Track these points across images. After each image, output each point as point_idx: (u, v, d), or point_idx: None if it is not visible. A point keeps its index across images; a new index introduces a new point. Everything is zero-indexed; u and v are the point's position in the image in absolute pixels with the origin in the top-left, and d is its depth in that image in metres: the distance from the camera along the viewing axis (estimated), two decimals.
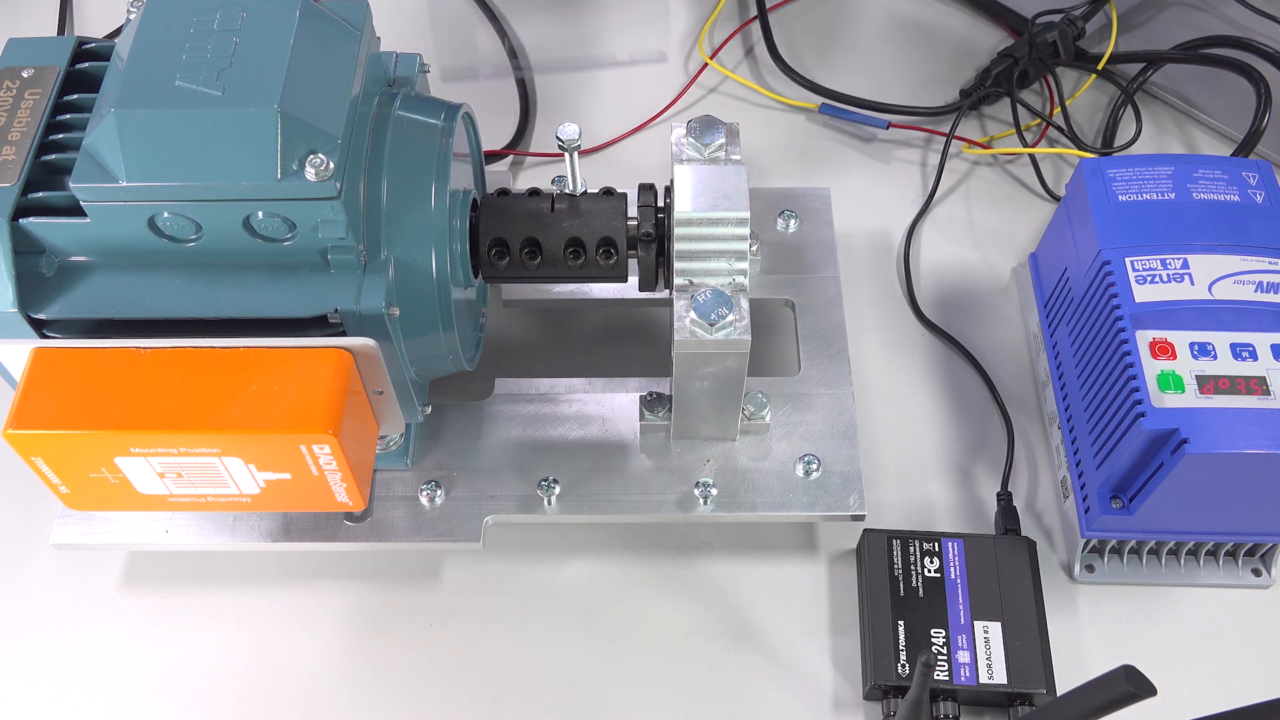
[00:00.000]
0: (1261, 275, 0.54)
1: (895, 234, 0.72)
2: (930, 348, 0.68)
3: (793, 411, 0.60)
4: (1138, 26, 0.81)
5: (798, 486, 0.57)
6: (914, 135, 0.77)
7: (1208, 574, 0.58)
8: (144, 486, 0.49)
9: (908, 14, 0.84)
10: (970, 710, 0.54)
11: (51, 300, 0.46)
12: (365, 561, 0.60)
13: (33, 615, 0.58)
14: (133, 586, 0.59)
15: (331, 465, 0.47)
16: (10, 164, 0.46)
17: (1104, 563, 0.59)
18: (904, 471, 0.63)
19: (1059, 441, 0.61)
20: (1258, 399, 0.51)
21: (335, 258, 0.46)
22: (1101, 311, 0.56)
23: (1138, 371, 0.52)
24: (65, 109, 0.48)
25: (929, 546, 0.57)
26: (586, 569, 0.59)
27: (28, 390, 0.46)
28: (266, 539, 0.56)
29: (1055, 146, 0.76)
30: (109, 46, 0.50)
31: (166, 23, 0.45)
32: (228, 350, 0.47)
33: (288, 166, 0.43)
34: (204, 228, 0.45)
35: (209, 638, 0.57)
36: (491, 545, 0.58)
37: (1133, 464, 0.53)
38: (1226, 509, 0.54)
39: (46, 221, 0.45)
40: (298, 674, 0.56)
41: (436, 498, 0.57)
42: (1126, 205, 0.58)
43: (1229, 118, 0.76)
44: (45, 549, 0.60)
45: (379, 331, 0.47)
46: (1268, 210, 0.57)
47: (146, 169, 0.43)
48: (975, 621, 0.54)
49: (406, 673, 0.56)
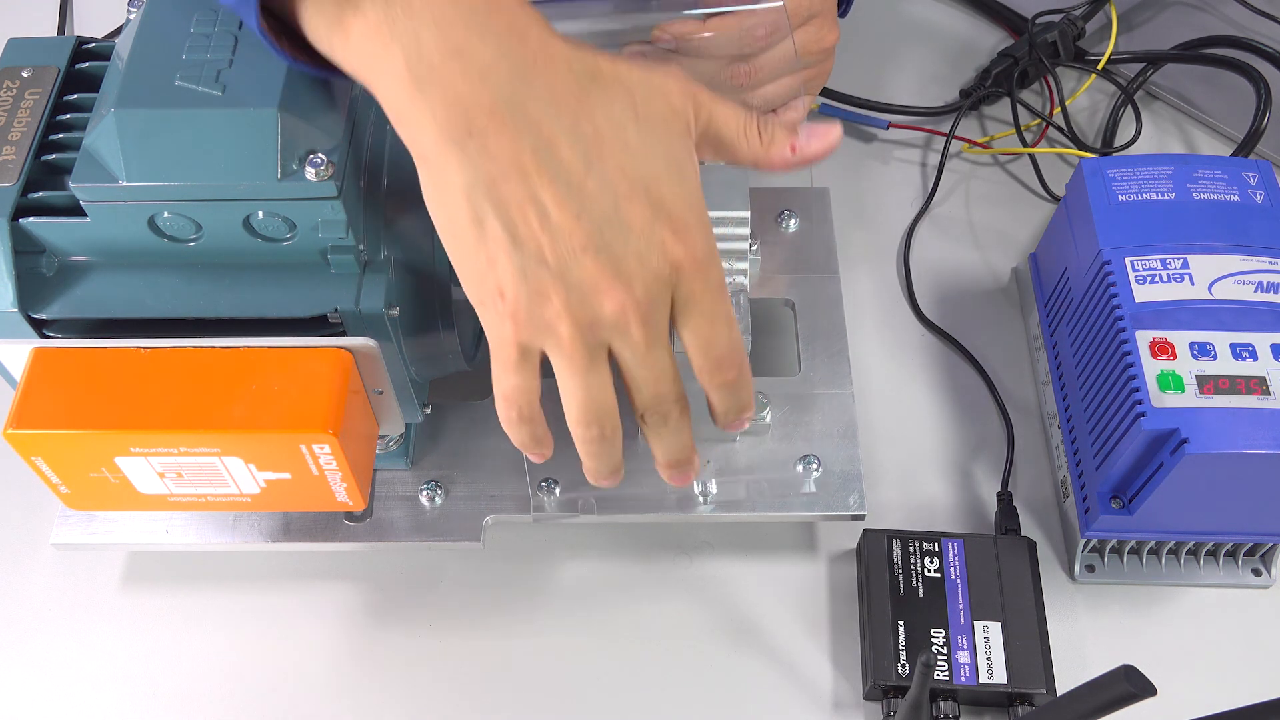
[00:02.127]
0: (1261, 275, 0.55)
1: (895, 234, 0.72)
2: (930, 348, 0.68)
3: (793, 411, 0.60)
4: (1138, 26, 0.81)
5: (798, 486, 0.57)
6: (914, 135, 0.77)
7: (1208, 574, 0.58)
8: (144, 486, 0.49)
9: (907, 14, 0.84)
10: (970, 710, 0.54)
11: (51, 300, 0.46)
12: (365, 561, 0.60)
13: (33, 615, 0.58)
14: (133, 586, 0.59)
15: (332, 465, 0.47)
16: (10, 164, 0.46)
17: (1104, 563, 0.59)
18: (904, 471, 0.63)
19: (1059, 441, 0.61)
20: (1258, 399, 0.51)
21: (335, 258, 0.46)
22: (1101, 311, 0.56)
23: (1138, 371, 0.52)
24: (65, 109, 0.48)
25: (929, 546, 0.57)
26: (586, 569, 0.59)
27: (28, 390, 0.46)
28: (266, 539, 0.56)
29: (1055, 146, 0.76)
30: (109, 46, 0.50)
31: (166, 22, 0.45)
32: (228, 350, 0.47)
33: (288, 166, 0.43)
34: (204, 228, 0.45)
35: (209, 638, 0.57)
36: (491, 545, 0.58)
37: (1133, 464, 0.53)
38: (1226, 509, 0.54)
39: (46, 221, 0.45)
40: (297, 674, 0.56)
41: (436, 498, 0.57)
42: (1126, 205, 0.58)
43: (1229, 118, 0.76)
44: (45, 549, 0.60)
45: (379, 331, 0.47)
46: (1268, 210, 0.57)
47: (146, 169, 0.43)
48: (975, 621, 0.54)
49: (407, 672, 0.56)
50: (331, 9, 0.39)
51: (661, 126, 0.40)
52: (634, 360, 0.41)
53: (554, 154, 0.38)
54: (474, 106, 0.38)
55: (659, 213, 0.39)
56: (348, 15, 0.39)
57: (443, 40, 0.38)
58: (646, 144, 0.39)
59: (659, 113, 0.40)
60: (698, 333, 0.42)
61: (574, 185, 0.38)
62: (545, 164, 0.38)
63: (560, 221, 0.38)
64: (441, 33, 0.38)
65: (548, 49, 0.39)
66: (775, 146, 0.43)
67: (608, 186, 0.39)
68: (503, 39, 0.38)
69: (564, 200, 0.38)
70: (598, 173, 0.38)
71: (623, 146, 0.39)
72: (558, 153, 0.38)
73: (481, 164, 0.38)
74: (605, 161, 0.39)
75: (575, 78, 0.39)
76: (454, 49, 0.38)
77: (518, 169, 0.38)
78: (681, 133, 0.41)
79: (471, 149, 0.38)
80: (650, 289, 0.40)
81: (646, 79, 0.40)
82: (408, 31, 0.38)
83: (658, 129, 0.40)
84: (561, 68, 0.39)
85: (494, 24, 0.39)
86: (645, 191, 0.39)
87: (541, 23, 0.40)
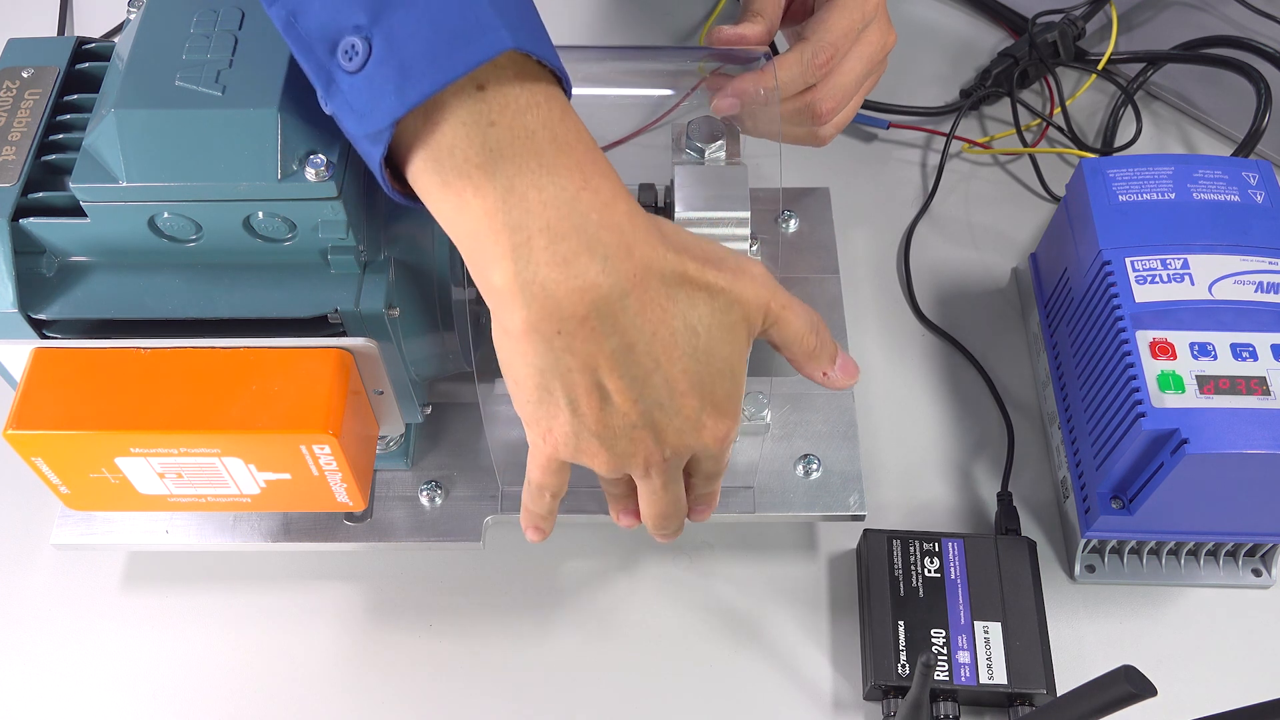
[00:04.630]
0: (1261, 275, 0.54)
1: (895, 234, 0.72)
2: (930, 348, 0.68)
3: (793, 411, 0.60)
4: (1138, 26, 0.81)
5: (798, 486, 0.57)
6: (914, 135, 0.77)
7: (1208, 574, 0.58)
8: (144, 487, 0.49)
9: (908, 14, 0.84)
10: (970, 710, 0.54)
11: (51, 300, 0.46)
12: (365, 561, 0.60)
13: (33, 615, 0.58)
14: (133, 586, 0.59)
15: (331, 465, 0.47)
16: (10, 164, 0.46)
17: (1104, 563, 0.59)
18: (904, 471, 0.63)
19: (1059, 441, 0.61)
20: (1258, 399, 0.51)
21: (335, 258, 0.46)
22: (1101, 311, 0.56)
23: (1138, 371, 0.52)
24: (65, 109, 0.48)
25: (929, 546, 0.57)
26: (586, 569, 0.59)
27: (28, 390, 0.46)
28: (266, 539, 0.56)
29: (1055, 146, 0.76)
30: (109, 46, 0.50)
31: (166, 23, 0.45)
32: (228, 350, 0.47)
33: (288, 167, 0.43)
34: (204, 228, 0.45)
35: (209, 638, 0.57)
36: (491, 545, 0.58)
37: (1133, 464, 0.53)
38: (1226, 509, 0.54)
39: (46, 222, 0.45)
40: (298, 674, 0.56)
41: (436, 498, 0.57)
42: (1126, 205, 0.58)
43: (1229, 118, 0.76)
44: (45, 549, 0.60)
45: (379, 331, 0.47)
46: (1268, 210, 0.57)
47: (146, 169, 0.43)
48: (975, 621, 0.54)
49: (407, 673, 0.56)
50: (451, 174, 0.39)
51: (729, 336, 0.44)
52: (649, 495, 0.47)
53: (629, 356, 0.41)
54: (569, 316, 0.40)
55: (705, 404, 0.44)
56: (466, 189, 0.39)
57: (552, 250, 0.39)
58: (711, 349, 0.43)
59: (731, 322, 0.44)
60: (696, 484, 0.49)
61: (639, 380, 0.42)
62: (619, 364, 0.41)
63: (619, 405, 0.42)
64: (552, 241, 0.39)
65: (648, 261, 0.41)
66: (814, 364, 0.48)
67: (668, 384, 0.42)
68: (610, 257, 0.39)
69: (626, 390, 0.42)
70: (663, 372, 0.42)
71: (691, 352, 0.43)
72: (632, 354, 0.41)
73: (562, 357, 0.41)
74: (672, 365, 0.42)
75: (665, 286, 0.41)
76: (562, 260, 0.39)
77: (593, 367, 0.41)
78: (745, 340, 0.45)
79: (557, 345, 0.40)
80: (680, 454, 0.45)
81: (729, 288, 0.43)
82: (521, 228, 0.39)
83: (725, 338, 0.43)
84: (655, 281, 0.41)
85: (604, 239, 0.39)
86: (699, 388, 0.43)
87: (648, 228, 0.41)
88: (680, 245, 0.42)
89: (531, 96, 0.39)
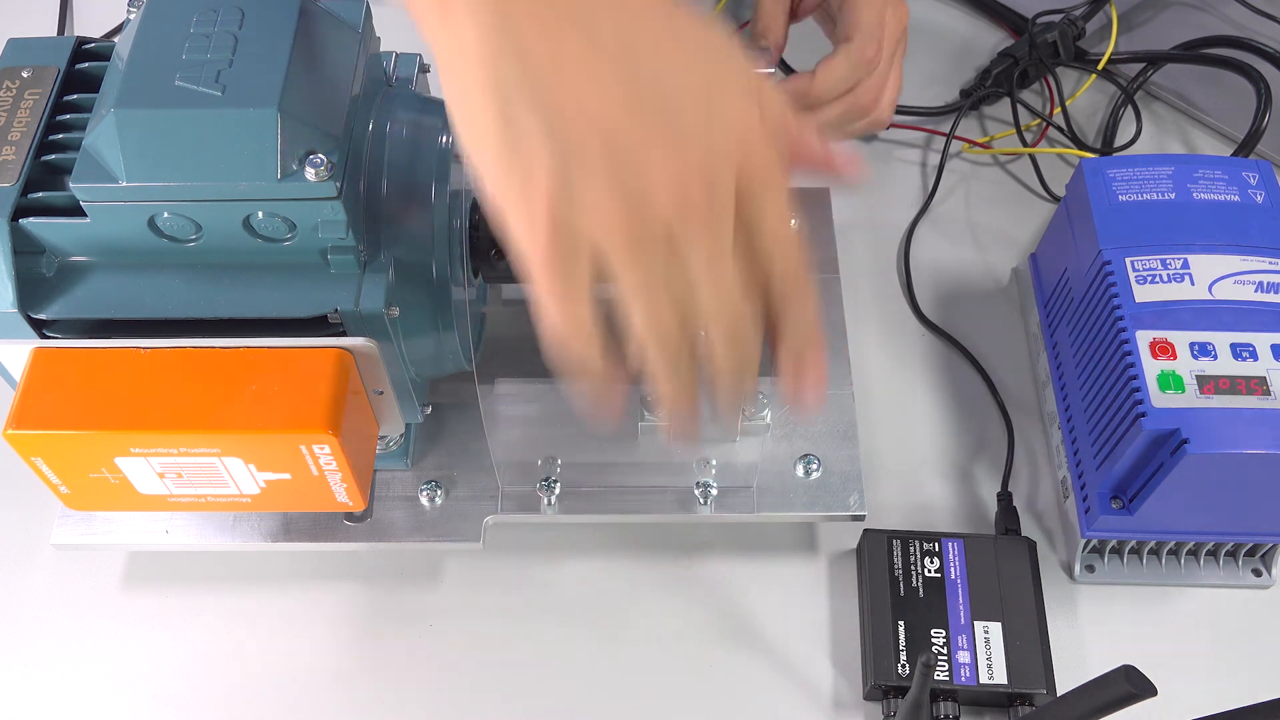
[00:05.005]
0: (1261, 275, 0.54)
1: (895, 234, 0.72)
2: (930, 348, 0.68)
3: (793, 411, 0.59)
4: (1138, 26, 0.81)
5: (798, 486, 0.57)
6: (914, 135, 0.77)
7: (1208, 574, 0.58)
8: (144, 486, 0.49)
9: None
10: (970, 710, 0.54)
11: (51, 300, 0.46)
12: (365, 561, 0.59)
13: (33, 615, 0.58)
14: (133, 586, 0.59)
15: (331, 465, 0.47)
16: (10, 164, 0.46)
17: (1104, 563, 0.59)
18: (904, 471, 0.63)
19: (1059, 441, 0.61)
20: (1258, 399, 0.51)
21: (335, 258, 0.46)
22: (1101, 311, 0.56)
23: (1138, 371, 0.52)
24: (65, 109, 0.48)
25: (929, 546, 0.57)
26: (586, 569, 0.59)
27: (28, 390, 0.46)
28: (266, 539, 0.56)
29: (1055, 146, 0.76)
30: (109, 46, 0.50)
31: (166, 22, 0.45)
32: (228, 350, 0.47)
33: (288, 166, 0.43)
34: (204, 228, 0.45)
35: (209, 638, 0.57)
36: (491, 545, 0.58)
37: (1133, 464, 0.53)
38: (1227, 509, 0.54)
39: (46, 221, 0.45)
40: (297, 674, 0.56)
41: (436, 498, 0.57)
42: (1126, 205, 0.58)
43: (1229, 118, 0.76)
44: (45, 549, 0.60)
45: (379, 331, 0.47)
46: (1268, 210, 0.57)
47: (146, 169, 0.43)
48: (975, 621, 0.54)
49: (407, 673, 0.56)
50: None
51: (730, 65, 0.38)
52: (703, 276, 0.37)
53: (600, 28, 0.35)
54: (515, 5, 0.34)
55: (714, 84, 0.36)
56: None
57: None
58: (710, 52, 0.37)
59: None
60: (773, 265, 0.39)
61: (621, 57, 0.35)
62: (589, 40, 0.34)
63: (608, 96, 0.35)
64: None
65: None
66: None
67: (655, 49, 0.36)
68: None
69: (610, 72, 0.35)
70: (651, 42, 0.35)
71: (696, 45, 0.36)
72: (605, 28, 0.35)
73: (522, 46, 0.34)
74: (660, 39, 0.36)
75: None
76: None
77: (559, 56, 0.34)
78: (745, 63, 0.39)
79: (513, 32, 0.34)
80: (717, 174, 0.36)
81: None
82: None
83: (721, 53, 0.38)
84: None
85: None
86: (702, 62, 0.36)
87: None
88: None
89: None
